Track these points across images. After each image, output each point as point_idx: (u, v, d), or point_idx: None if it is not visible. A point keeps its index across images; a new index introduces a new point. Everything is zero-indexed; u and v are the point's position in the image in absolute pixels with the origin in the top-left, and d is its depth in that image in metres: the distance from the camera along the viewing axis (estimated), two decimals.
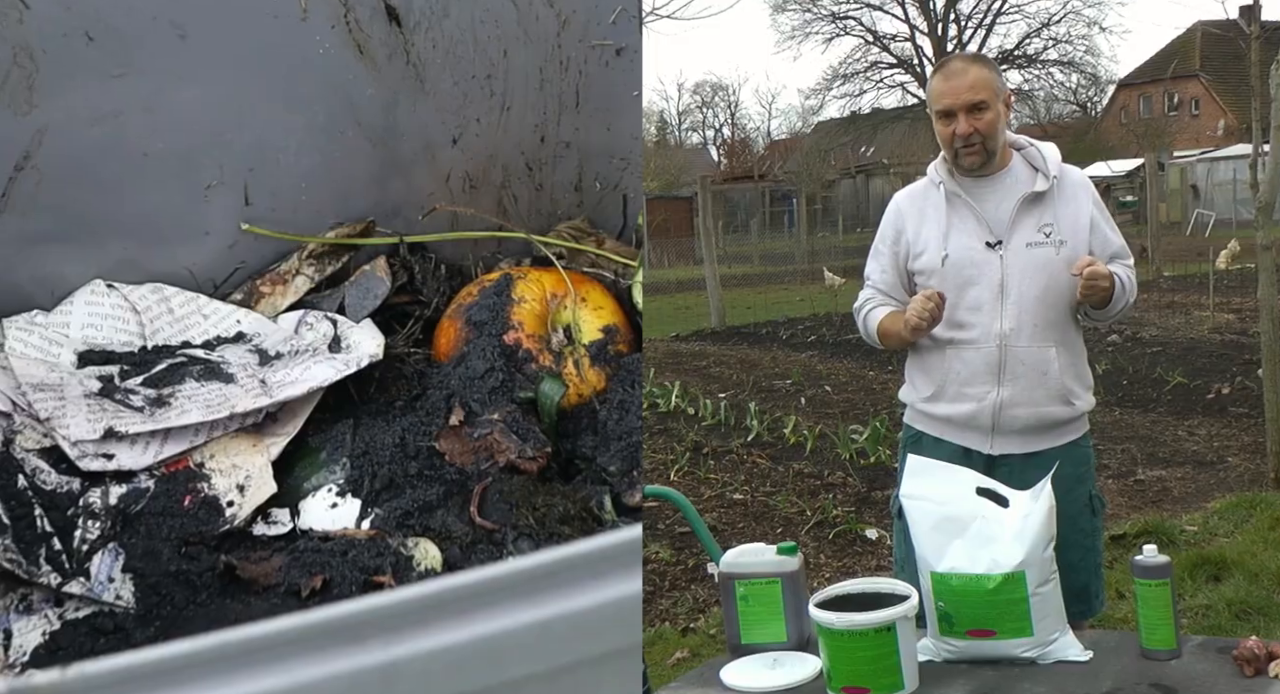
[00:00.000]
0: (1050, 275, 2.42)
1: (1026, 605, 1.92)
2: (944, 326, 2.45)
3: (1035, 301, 2.42)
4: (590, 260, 2.35)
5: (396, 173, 2.25)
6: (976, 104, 2.40)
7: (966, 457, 2.44)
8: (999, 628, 1.94)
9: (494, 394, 2.04)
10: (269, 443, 1.96)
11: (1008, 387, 2.42)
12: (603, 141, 2.34)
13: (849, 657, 1.82)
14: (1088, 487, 2.53)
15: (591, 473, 2.01)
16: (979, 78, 2.41)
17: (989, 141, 2.43)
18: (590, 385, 2.12)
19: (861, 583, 1.99)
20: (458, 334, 2.16)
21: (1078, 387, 2.48)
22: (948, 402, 2.48)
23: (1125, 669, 1.91)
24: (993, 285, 2.41)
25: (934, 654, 2.01)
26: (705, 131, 48.15)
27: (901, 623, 1.82)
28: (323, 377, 1.98)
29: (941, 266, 2.45)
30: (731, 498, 5.36)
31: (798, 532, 4.83)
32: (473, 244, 2.36)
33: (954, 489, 2.03)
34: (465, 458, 1.95)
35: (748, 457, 6.05)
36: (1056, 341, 2.44)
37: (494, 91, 2.23)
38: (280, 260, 2.23)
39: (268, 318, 2.18)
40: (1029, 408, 2.44)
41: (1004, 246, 2.42)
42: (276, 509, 1.91)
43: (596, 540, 1.17)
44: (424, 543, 1.82)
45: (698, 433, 6.60)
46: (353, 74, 2.14)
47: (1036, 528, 1.95)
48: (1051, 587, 1.97)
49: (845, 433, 6.08)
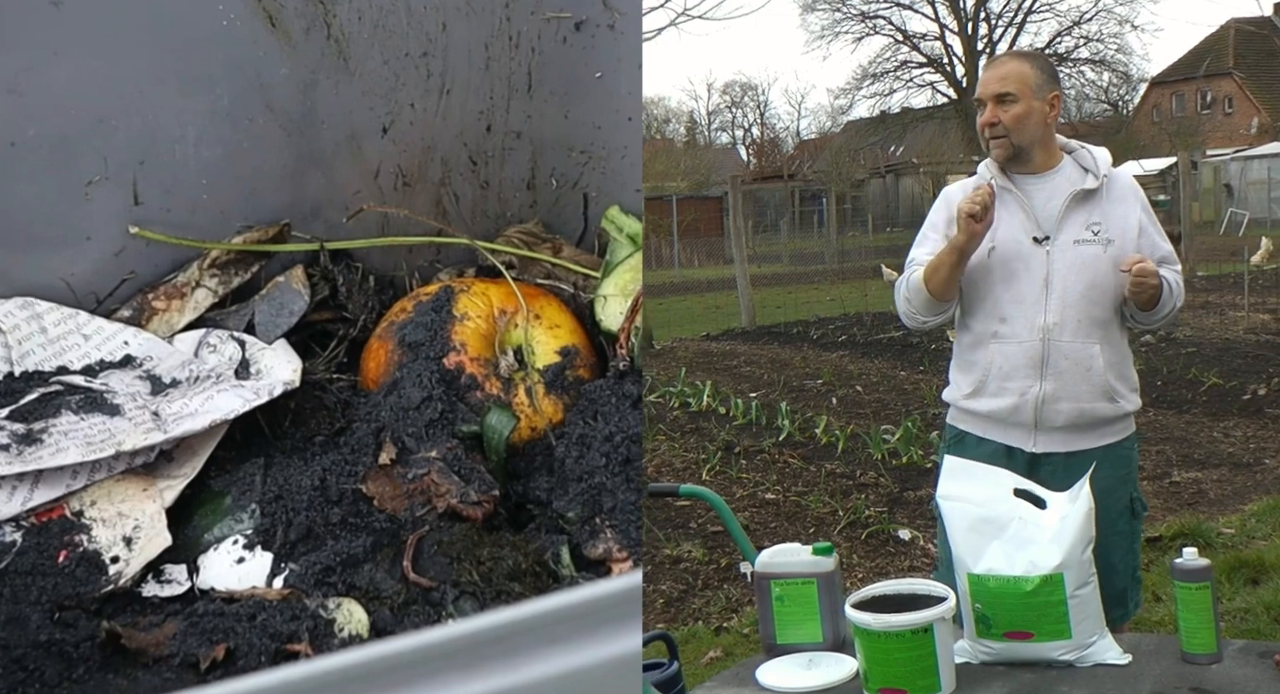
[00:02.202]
0: (1096, 272, 2.72)
1: (1065, 608, 2.14)
2: (986, 319, 2.78)
3: (1080, 298, 2.71)
4: (545, 271, 2.36)
5: (316, 166, 2.25)
6: (1003, 95, 2.72)
7: (1009, 456, 2.74)
8: (1037, 630, 2.15)
9: (431, 428, 2.04)
10: (163, 487, 1.94)
11: (1050, 381, 2.71)
12: (559, 131, 2.34)
13: (886, 658, 2.03)
14: (1129, 489, 2.82)
15: (546, 520, 2.00)
16: (1012, 70, 2.76)
17: (1014, 134, 2.74)
18: (545, 417, 2.13)
19: (898, 584, 2.20)
20: (389, 357, 2.15)
21: (1122, 386, 2.78)
22: (989, 396, 2.78)
23: (1165, 673, 2.11)
24: (1037, 280, 2.72)
25: (971, 656, 2.22)
26: (734, 131, 54.10)
27: (939, 624, 2.04)
28: (228, 408, 1.97)
29: (987, 259, 2.74)
30: (763, 498, 5.94)
31: (830, 532, 5.35)
32: (407, 251, 2.36)
33: (991, 490, 2.26)
34: (397, 503, 1.94)
35: (779, 456, 6.71)
36: (1100, 339, 2.73)
37: (431, 71, 2.23)
38: (177, 270, 2.22)
39: (162, 338, 2.16)
40: (1072, 403, 2.73)
41: (1051, 242, 2.73)
42: (171, 565, 1.90)
43: (552, 600, 1.16)
44: (348, 604, 1.80)
45: (729, 432, 7.31)
46: (263, 49, 2.13)
47: (1075, 530, 2.16)
48: (1090, 589, 2.18)
49: (877, 433, 6.75)
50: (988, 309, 2.77)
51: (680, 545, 5.20)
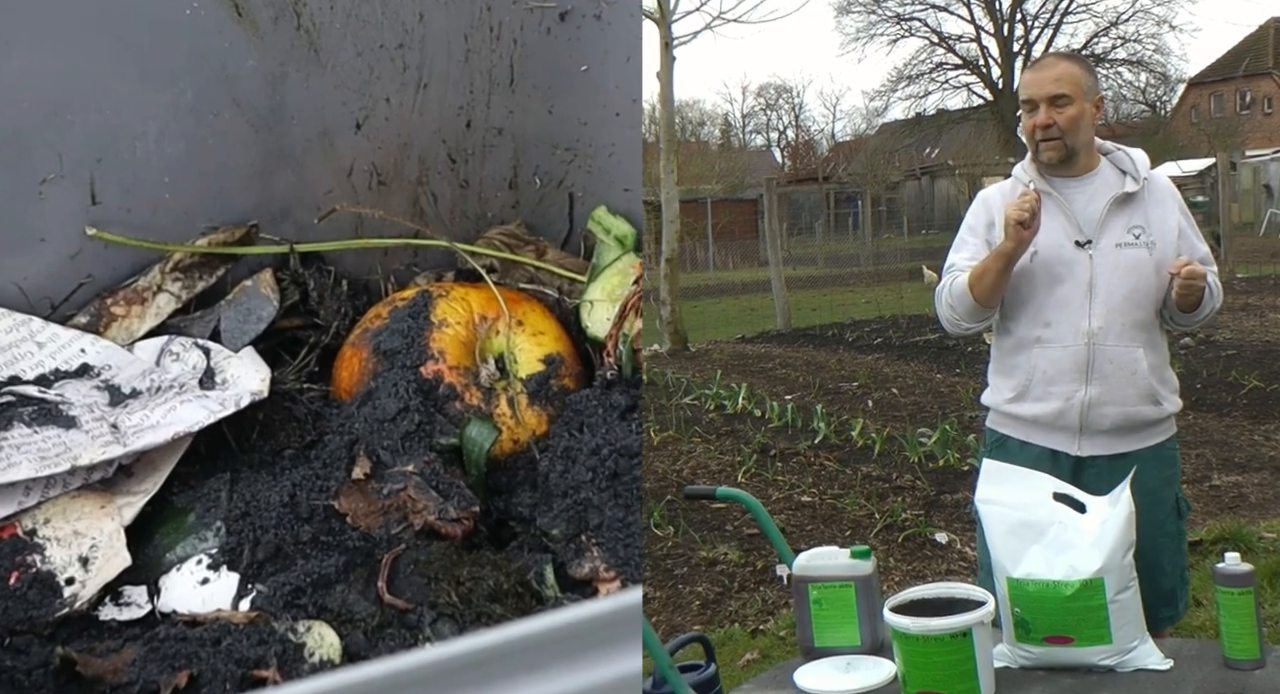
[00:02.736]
0: (1140, 276, 2.84)
1: (1105, 612, 2.23)
2: (1029, 324, 2.89)
3: (1123, 301, 2.83)
4: (528, 275, 2.36)
5: (285, 164, 2.24)
6: (1057, 96, 2.83)
7: (1054, 459, 2.86)
8: (1077, 635, 2.25)
9: (408, 440, 2.04)
10: (121, 504, 1.94)
11: (1096, 385, 2.83)
12: (543, 128, 2.34)
13: (925, 662, 2.12)
14: (1174, 489, 2.96)
15: (529, 538, 2.01)
16: (1065, 72, 2.86)
17: (1069, 136, 2.84)
18: (528, 429, 2.13)
19: (936, 588, 2.28)
20: (363, 366, 2.15)
21: (1164, 389, 2.91)
22: (1033, 401, 2.89)
23: (1207, 678, 2.19)
24: (1081, 284, 2.83)
25: (1010, 660, 2.32)
26: (769, 134, 56.38)
27: (978, 628, 2.12)
28: (192, 420, 1.97)
29: (1030, 263, 2.84)
30: (799, 500, 6.16)
31: (867, 535, 5.55)
32: (382, 254, 2.36)
33: (1030, 494, 2.37)
34: (371, 520, 1.94)
35: (815, 459, 6.96)
36: (1144, 343, 2.86)
37: (407, 64, 2.23)
38: (137, 274, 2.21)
39: (121, 346, 2.16)
40: (1118, 407, 2.85)
41: (1093, 246, 2.84)
42: (130, 587, 1.90)
43: (535, 622, 1.16)
44: (319, 627, 1.80)
45: (765, 434, 7.58)
46: (228, 40, 2.13)
47: (1115, 534, 2.26)
48: (1131, 594, 2.28)
49: (913, 435, 7.00)
50: (1030, 314, 2.87)
51: (716, 548, 5.40)
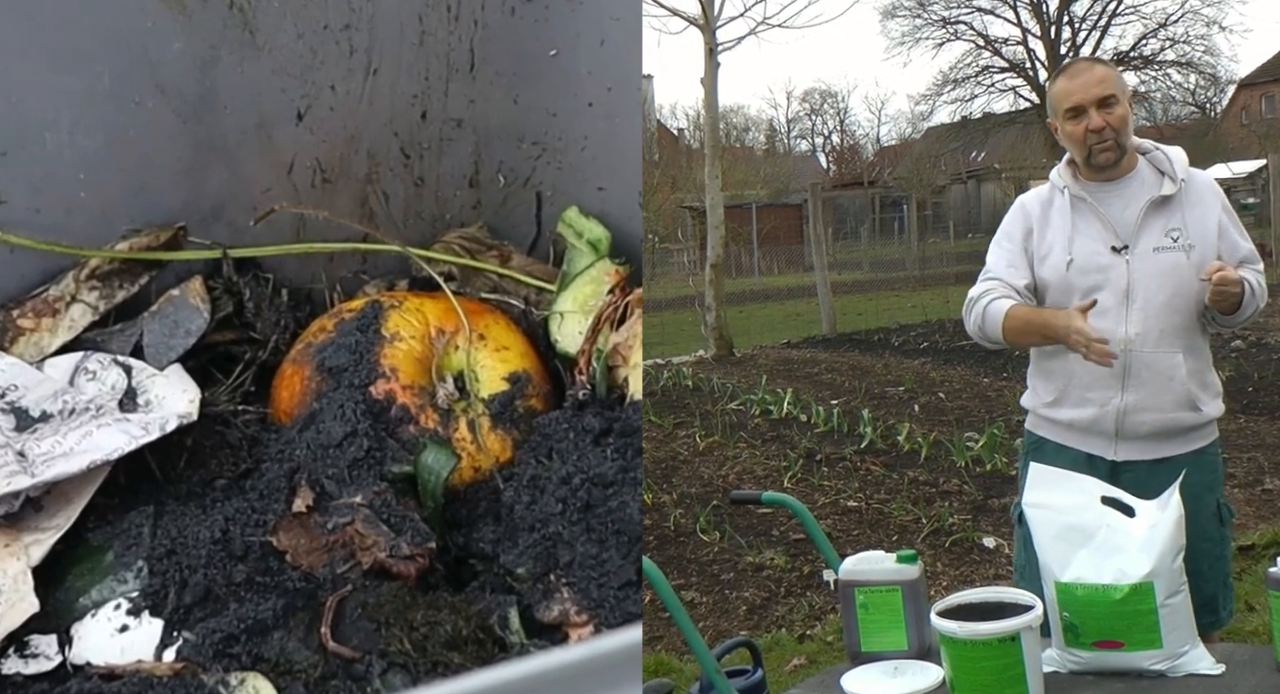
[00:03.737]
0: (1179, 281, 2.99)
1: (1155, 616, 2.35)
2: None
3: (1162, 307, 2.99)
4: (491, 283, 2.36)
5: (217, 159, 2.24)
6: (1106, 98, 3.00)
7: (1090, 463, 3.01)
8: (1127, 639, 2.37)
9: (356, 468, 2.04)
10: (29, 542, 1.92)
11: (1132, 392, 3.00)
12: (508, 119, 2.34)
13: (972, 666, 2.24)
14: (1216, 495, 3.11)
15: (492, 577, 2.00)
16: (1105, 73, 3.05)
17: (1122, 137, 3.01)
18: (491, 455, 2.12)
19: (984, 592, 2.41)
20: (305, 385, 2.14)
21: (1204, 394, 3.07)
22: (1070, 406, 3.08)
23: (1261, 684, 2.31)
24: (1118, 290, 2.99)
25: (1059, 665, 2.45)
26: (814, 139, 60.84)
27: (1026, 633, 2.22)
28: (110, 446, 1.96)
29: (1066, 271, 3.03)
30: (845, 505, 6.59)
31: (913, 539, 5.94)
32: (327, 260, 2.36)
33: (1078, 498, 2.50)
34: (314, 558, 1.94)
35: (861, 464, 7.43)
36: (1184, 348, 3.02)
37: (354, 47, 2.23)
38: (48, 282, 2.21)
39: (30, 363, 2.14)
40: (1154, 414, 3.01)
41: (1130, 251, 3.00)
42: (39, 636, 1.88)
43: (499, 671, 1.14)
44: (253, 679, 1.80)
45: (810, 439, 8.12)
46: (151, 19, 2.12)
47: (1165, 538, 2.38)
48: (1181, 598, 2.39)
49: (960, 440, 7.51)
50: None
51: (763, 553, 5.77)
